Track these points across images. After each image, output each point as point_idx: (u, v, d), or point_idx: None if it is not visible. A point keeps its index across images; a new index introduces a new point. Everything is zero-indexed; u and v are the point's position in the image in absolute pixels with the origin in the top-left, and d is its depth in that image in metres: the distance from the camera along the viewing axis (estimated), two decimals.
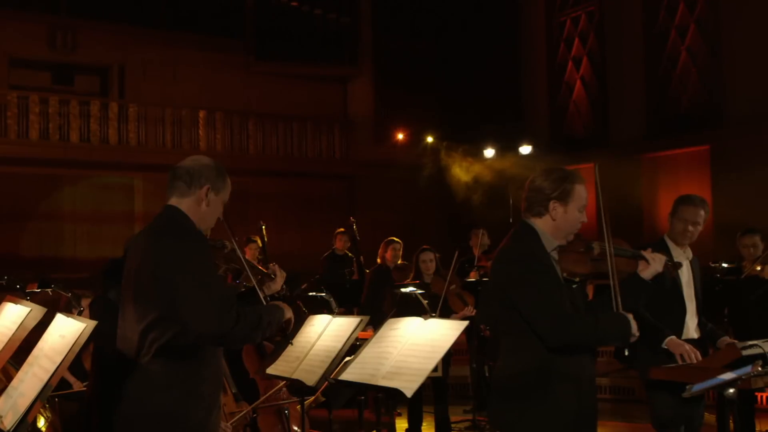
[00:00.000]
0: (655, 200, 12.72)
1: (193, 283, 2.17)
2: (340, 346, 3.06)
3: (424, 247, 6.10)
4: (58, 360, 1.93)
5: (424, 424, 5.73)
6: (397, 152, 13.89)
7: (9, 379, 2.71)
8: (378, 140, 14.58)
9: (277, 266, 2.77)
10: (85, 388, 3.57)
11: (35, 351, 2.13)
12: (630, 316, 2.42)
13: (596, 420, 2.57)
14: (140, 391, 2.21)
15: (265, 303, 2.52)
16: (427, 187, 12.95)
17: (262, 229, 8.34)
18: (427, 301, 5.02)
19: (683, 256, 3.64)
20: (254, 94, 13.78)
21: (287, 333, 2.46)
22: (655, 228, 12.38)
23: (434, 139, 13.44)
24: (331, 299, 3.64)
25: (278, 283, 2.75)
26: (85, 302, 5.12)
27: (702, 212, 3.59)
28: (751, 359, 2.92)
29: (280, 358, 3.26)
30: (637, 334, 2.41)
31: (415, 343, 2.78)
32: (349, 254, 8.35)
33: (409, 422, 5.61)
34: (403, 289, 4.60)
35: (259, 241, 8.02)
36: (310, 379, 2.98)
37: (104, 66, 13.25)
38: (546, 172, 2.53)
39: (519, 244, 2.48)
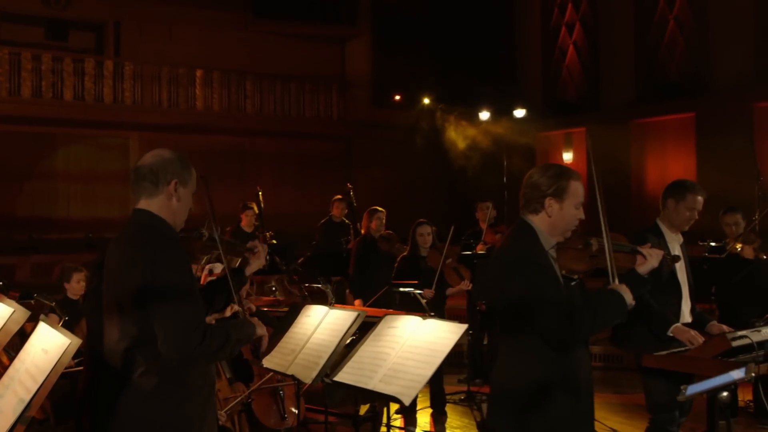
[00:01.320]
0: (643, 165, 12.78)
1: (163, 301, 2.03)
2: (336, 341, 2.93)
3: (421, 220, 5.91)
4: (40, 379, 1.79)
5: (419, 396, 5.69)
6: (394, 113, 13.65)
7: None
8: (375, 101, 14.28)
9: (257, 242, 2.62)
10: (75, 367, 3.43)
11: (16, 363, 1.99)
12: (623, 288, 2.36)
13: (593, 413, 2.54)
14: (131, 403, 2.09)
15: (236, 295, 2.44)
16: (424, 148, 12.82)
17: (258, 194, 8.20)
18: (425, 300, 4.90)
19: (676, 241, 3.61)
20: (252, 53, 13.33)
21: (260, 351, 2.35)
22: (642, 191, 12.54)
23: (430, 101, 13.19)
24: (328, 289, 3.50)
25: (261, 258, 2.59)
26: (77, 276, 4.98)
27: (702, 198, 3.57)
28: (741, 350, 2.92)
29: (275, 349, 3.12)
30: (633, 302, 2.36)
31: (414, 345, 2.65)
32: (346, 221, 8.19)
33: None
34: (402, 289, 4.46)
35: (255, 207, 7.83)
36: (306, 376, 2.85)
37: (99, 22, 12.72)
38: (542, 168, 2.47)
39: (517, 244, 2.40)
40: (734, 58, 11.15)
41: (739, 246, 5.01)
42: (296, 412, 4.14)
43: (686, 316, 3.62)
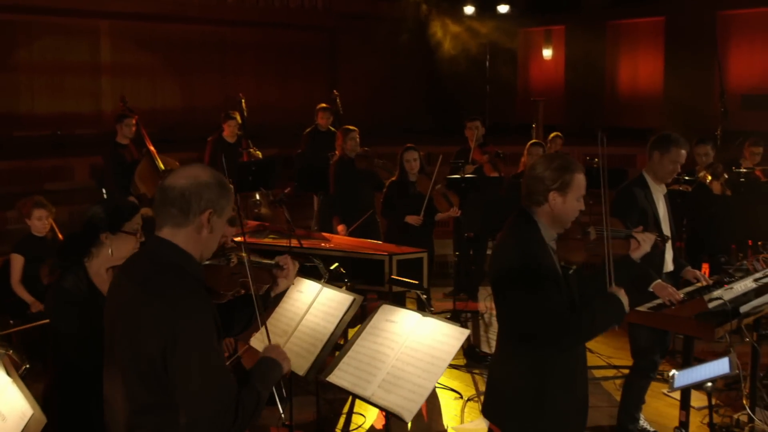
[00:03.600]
0: (616, 66, 12.84)
1: (187, 377, 1.67)
2: (331, 328, 2.76)
3: (408, 145, 5.65)
4: None
5: None
6: (379, 5, 12.68)
7: None
8: None
9: (288, 258, 2.27)
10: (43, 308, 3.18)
11: None
12: (621, 293, 2.39)
13: (587, 402, 2.56)
14: None
15: (264, 309, 2.15)
16: (408, 41, 12.15)
17: (241, 102, 7.70)
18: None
19: (660, 192, 3.71)
20: None
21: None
22: (615, 92, 12.75)
23: None
24: (320, 264, 3.31)
25: (290, 277, 2.26)
26: (37, 212, 4.58)
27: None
28: (718, 313, 3.15)
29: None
30: (628, 309, 2.40)
31: (414, 348, 2.50)
32: (332, 129, 7.81)
33: None
34: (400, 287, 4.27)
35: (238, 117, 7.37)
36: (299, 366, 2.71)
37: None
38: (547, 160, 2.41)
39: (520, 240, 2.36)
40: None
41: (708, 177, 5.30)
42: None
43: (669, 265, 3.74)
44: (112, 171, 6.62)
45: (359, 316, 4.36)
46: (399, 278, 2.82)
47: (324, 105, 7.73)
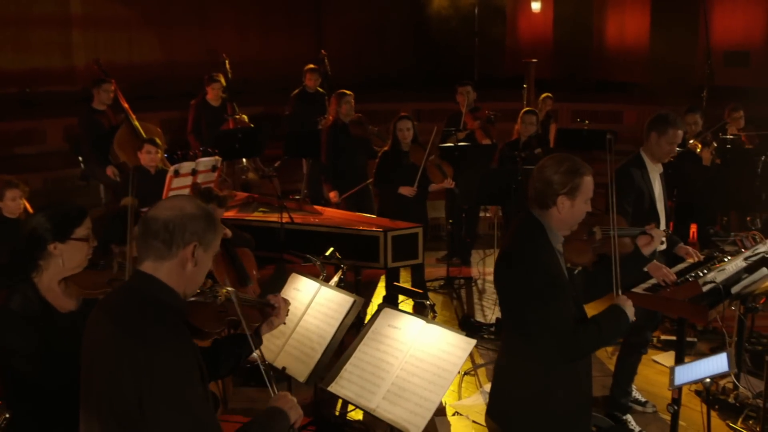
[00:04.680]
0: (604, 20, 12.60)
1: (168, 414, 1.59)
2: (331, 331, 2.67)
3: (402, 114, 5.47)
4: None
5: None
6: None
7: None
8: None
9: (280, 297, 2.18)
10: None
11: None
12: (628, 304, 2.40)
13: (592, 400, 2.60)
14: None
15: (255, 348, 2.04)
16: None
17: (225, 63, 7.40)
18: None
19: (656, 171, 3.76)
20: None
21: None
22: (602, 46, 12.60)
23: None
24: (319, 263, 3.20)
25: (282, 316, 2.18)
26: (10, 193, 4.19)
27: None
28: (714, 297, 3.24)
29: None
30: (634, 318, 2.41)
31: (419, 358, 2.42)
32: (321, 91, 7.57)
33: (387, 288, 5.48)
34: (403, 295, 4.16)
35: (222, 79, 7.09)
36: (299, 373, 2.63)
37: None
38: (556, 163, 2.35)
39: (527, 246, 2.31)
40: None
41: (698, 147, 5.44)
42: None
43: (663, 243, 3.70)
44: (88, 139, 6.27)
45: (355, 291, 4.32)
46: (402, 286, 2.72)
47: (312, 66, 7.44)
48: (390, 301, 5.51)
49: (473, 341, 2.35)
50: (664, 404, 4.16)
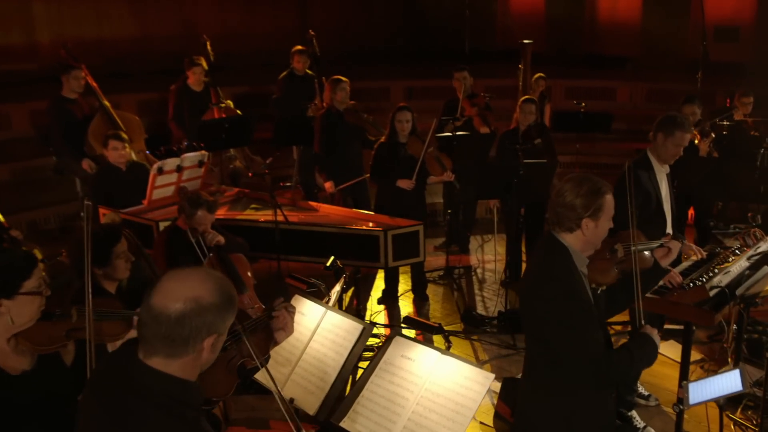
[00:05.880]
0: None
1: None
2: (341, 360, 2.60)
3: (401, 105, 5.33)
4: None
5: (400, 282, 5.63)
6: None
7: None
8: None
9: (284, 311, 2.04)
10: None
11: None
12: (654, 333, 2.43)
13: (614, 423, 2.65)
14: None
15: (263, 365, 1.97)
16: None
17: (206, 45, 7.13)
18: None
19: (663, 172, 3.83)
20: None
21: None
22: (594, 20, 12.34)
23: None
24: (323, 287, 3.11)
25: (288, 328, 2.06)
26: None
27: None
28: (719, 299, 3.32)
29: None
30: (660, 347, 2.45)
31: (435, 393, 2.37)
32: (309, 73, 7.36)
33: (386, 281, 5.50)
34: (417, 329, 4.07)
35: (203, 63, 6.84)
36: (309, 405, 2.57)
37: None
38: (576, 185, 2.33)
39: (554, 272, 2.32)
40: None
41: (697, 139, 5.45)
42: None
43: None
44: (59, 130, 5.93)
45: (354, 286, 4.27)
46: (416, 319, 2.66)
47: (299, 47, 7.19)
48: (389, 296, 5.51)
49: (491, 375, 2.30)
50: (666, 396, 4.28)
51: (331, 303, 3.57)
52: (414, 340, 2.55)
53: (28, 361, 2.07)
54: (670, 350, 4.74)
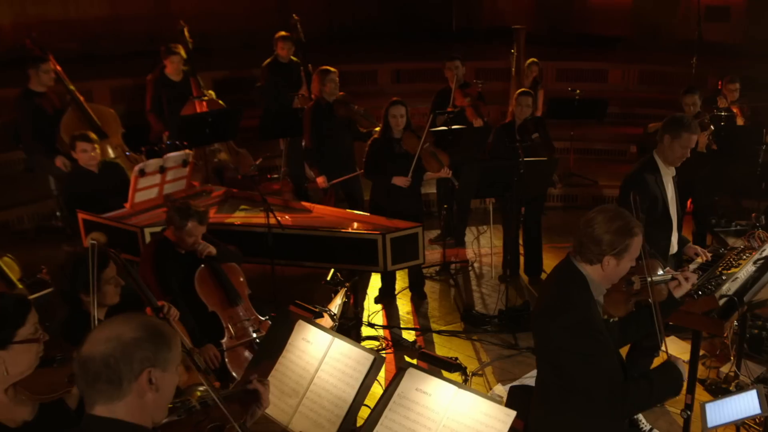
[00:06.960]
0: None
1: None
2: (352, 392, 2.51)
3: (394, 99, 5.18)
4: None
5: (397, 279, 5.57)
6: None
7: None
8: None
9: (258, 383, 2.07)
10: None
11: None
12: (680, 362, 2.40)
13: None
14: None
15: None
16: None
17: (183, 31, 6.86)
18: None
19: (669, 174, 3.79)
20: None
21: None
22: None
23: None
24: (330, 311, 3.01)
25: (266, 403, 2.11)
26: None
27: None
28: (727, 306, 3.36)
29: (271, 386, 2.72)
30: (686, 377, 2.44)
31: (455, 430, 2.33)
32: (294, 60, 7.16)
33: (383, 280, 5.43)
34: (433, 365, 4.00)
35: (182, 51, 6.59)
36: None
37: None
38: (608, 220, 2.29)
39: (572, 300, 2.31)
40: None
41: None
42: None
43: (674, 246, 3.90)
44: (28, 126, 5.67)
45: (350, 284, 4.18)
46: (431, 353, 2.58)
47: (283, 33, 6.96)
48: (386, 294, 5.43)
49: (513, 413, 2.24)
50: None
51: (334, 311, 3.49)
52: (428, 372, 2.47)
53: (29, 411, 1.97)
54: (672, 347, 4.75)
